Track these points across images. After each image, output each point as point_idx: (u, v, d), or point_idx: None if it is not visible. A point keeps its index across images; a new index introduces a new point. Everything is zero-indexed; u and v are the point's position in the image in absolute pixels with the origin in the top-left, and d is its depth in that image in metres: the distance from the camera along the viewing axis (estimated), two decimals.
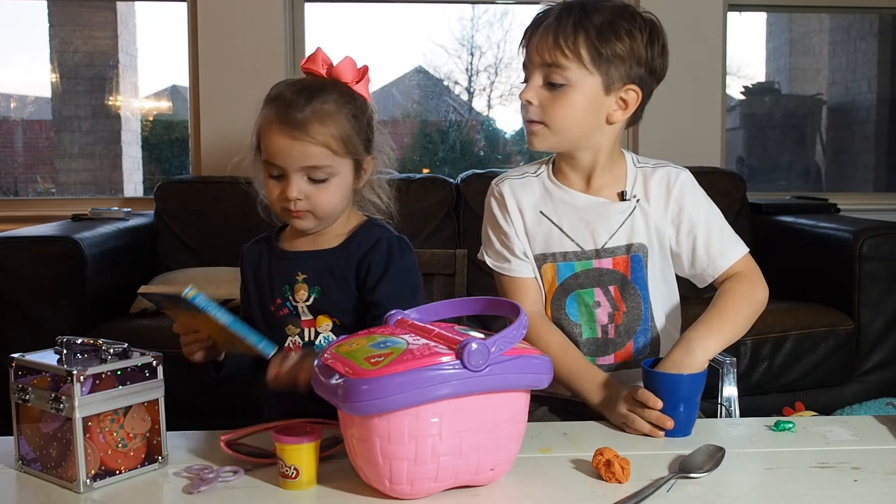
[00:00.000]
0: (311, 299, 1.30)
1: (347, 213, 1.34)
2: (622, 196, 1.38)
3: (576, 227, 1.39)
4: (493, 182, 1.47)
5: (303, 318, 1.31)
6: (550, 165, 1.44)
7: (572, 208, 1.39)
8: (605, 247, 1.38)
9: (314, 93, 1.24)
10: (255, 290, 1.36)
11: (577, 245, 1.39)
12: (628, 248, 1.38)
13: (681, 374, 1.21)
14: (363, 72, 1.30)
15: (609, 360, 1.39)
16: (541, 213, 1.41)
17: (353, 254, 1.30)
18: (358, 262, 1.30)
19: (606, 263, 1.38)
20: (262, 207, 1.34)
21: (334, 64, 1.29)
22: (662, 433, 1.17)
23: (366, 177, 1.32)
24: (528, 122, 1.36)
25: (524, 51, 1.36)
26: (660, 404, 1.17)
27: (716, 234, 1.37)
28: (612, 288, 1.39)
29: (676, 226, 1.38)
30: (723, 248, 1.37)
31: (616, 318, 1.39)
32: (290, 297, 1.31)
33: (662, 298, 1.42)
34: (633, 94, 1.33)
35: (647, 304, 1.39)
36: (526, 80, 1.35)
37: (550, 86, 1.32)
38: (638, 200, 1.38)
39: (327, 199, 1.26)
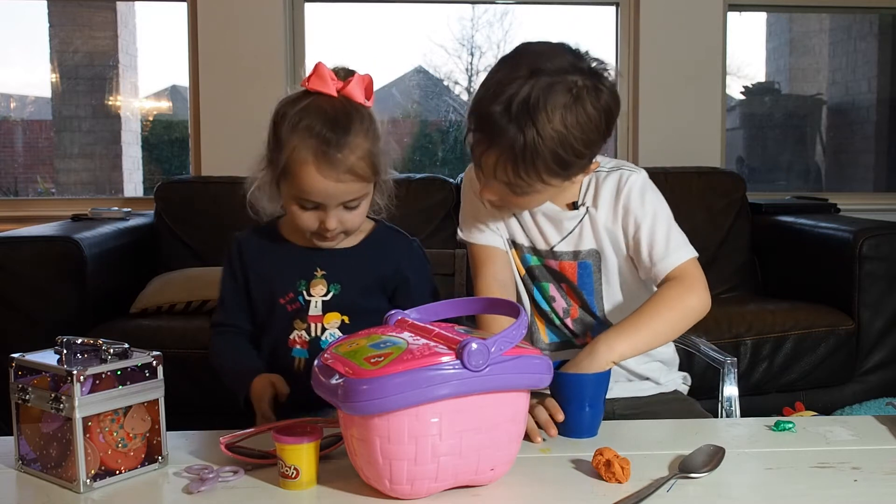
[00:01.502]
0: (330, 295, 1.33)
1: None
2: (573, 206, 1.38)
3: (530, 226, 1.41)
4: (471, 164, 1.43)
5: (311, 314, 1.33)
6: None
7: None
8: (554, 249, 1.40)
9: (346, 127, 1.23)
10: (259, 283, 1.37)
11: (532, 242, 1.41)
12: (576, 254, 1.39)
13: (581, 374, 1.21)
14: (369, 84, 1.29)
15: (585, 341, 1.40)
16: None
17: (381, 259, 1.36)
18: (392, 270, 1.36)
19: (555, 265, 1.41)
20: (250, 206, 1.32)
21: (335, 74, 1.26)
22: (540, 440, 1.16)
23: (381, 179, 1.33)
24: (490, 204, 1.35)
25: (472, 148, 1.30)
26: (561, 417, 1.17)
27: (660, 236, 1.34)
28: (563, 285, 1.42)
29: (624, 229, 1.37)
30: (666, 252, 1.33)
31: (572, 313, 1.43)
32: (305, 292, 1.33)
33: (625, 302, 1.40)
34: (594, 164, 1.30)
35: (595, 309, 1.41)
36: (479, 169, 1.31)
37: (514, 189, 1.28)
38: (587, 209, 1.37)
39: (358, 218, 1.31)
